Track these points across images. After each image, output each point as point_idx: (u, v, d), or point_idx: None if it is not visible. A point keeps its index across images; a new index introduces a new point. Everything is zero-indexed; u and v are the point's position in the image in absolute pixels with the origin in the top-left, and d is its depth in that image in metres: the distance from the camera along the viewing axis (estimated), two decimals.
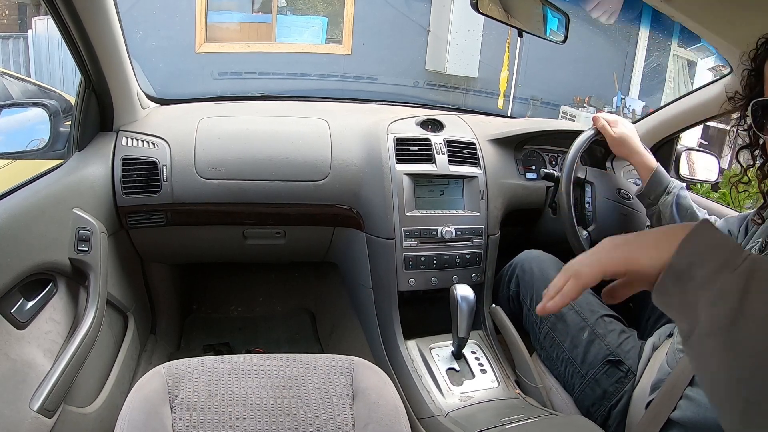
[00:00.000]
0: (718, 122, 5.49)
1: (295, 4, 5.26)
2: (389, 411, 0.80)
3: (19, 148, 1.10)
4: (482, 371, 1.10)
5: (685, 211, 1.05)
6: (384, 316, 1.19)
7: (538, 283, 1.09)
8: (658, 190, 1.08)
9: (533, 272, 1.12)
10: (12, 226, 0.78)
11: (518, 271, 1.15)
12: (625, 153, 1.14)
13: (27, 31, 4.74)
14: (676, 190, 1.07)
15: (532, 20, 1.12)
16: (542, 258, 1.14)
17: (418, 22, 5.16)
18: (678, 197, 1.05)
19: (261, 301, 1.70)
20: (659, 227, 0.55)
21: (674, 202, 1.05)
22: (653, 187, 1.08)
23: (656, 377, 0.87)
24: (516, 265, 1.17)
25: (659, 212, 1.08)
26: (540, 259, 1.14)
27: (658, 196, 1.08)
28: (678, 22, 0.94)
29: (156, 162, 1.13)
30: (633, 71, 5.48)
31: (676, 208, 1.05)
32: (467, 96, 5.35)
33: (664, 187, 1.07)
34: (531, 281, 1.11)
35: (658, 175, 1.08)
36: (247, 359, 0.86)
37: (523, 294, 1.13)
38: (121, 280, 1.16)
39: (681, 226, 0.49)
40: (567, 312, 1.03)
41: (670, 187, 1.07)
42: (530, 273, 1.12)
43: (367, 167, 1.21)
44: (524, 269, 1.14)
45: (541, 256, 1.15)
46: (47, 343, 0.84)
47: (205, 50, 4.73)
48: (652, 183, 1.08)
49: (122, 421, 0.73)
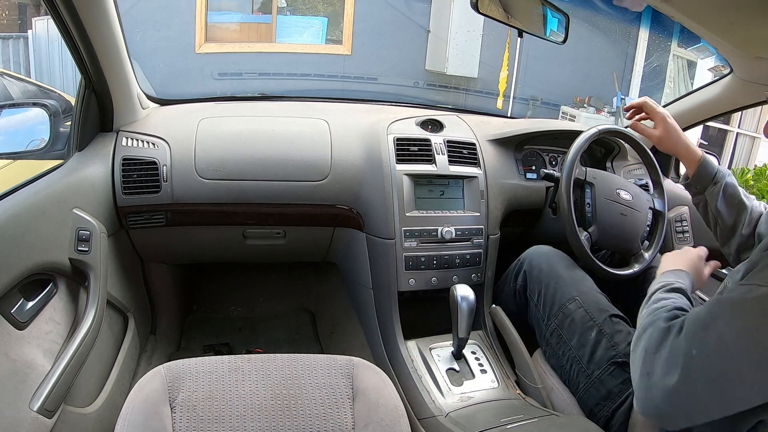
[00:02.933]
0: (718, 122, 5.50)
1: (295, 5, 5.26)
2: (389, 411, 0.80)
3: (19, 148, 1.10)
4: (482, 371, 1.10)
5: (733, 200, 1.02)
6: (384, 316, 1.19)
7: (547, 278, 1.09)
8: (705, 181, 1.04)
9: (542, 267, 1.11)
10: (12, 227, 0.78)
11: (526, 266, 1.14)
12: (670, 145, 1.08)
13: (27, 31, 4.74)
14: (722, 180, 1.03)
15: (532, 20, 1.12)
16: (551, 254, 1.14)
17: (418, 22, 5.16)
18: (726, 186, 1.02)
19: (261, 301, 1.70)
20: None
21: (721, 193, 1.02)
22: (700, 178, 1.04)
23: None
24: (524, 260, 1.16)
25: (705, 201, 1.05)
26: (549, 255, 1.13)
27: (704, 186, 1.04)
28: (678, 22, 0.94)
29: (156, 162, 1.13)
30: (633, 71, 5.48)
31: (722, 199, 1.02)
32: (467, 96, 5.35)
33: (711, 177, 1.04)
34: (539, 276, 1.10)
35: (705, 166, 1.04)
36: (247, 359, 0.86)
37: (531, 289, 1.12)
38: (121, 280, 1.16)
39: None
40: (576, 310, 1.02)
41: (717, 177, 1.03)
42: (539, 268, 1.11)
43: (367, 167, 1.21)
44: (533, 264, 1.13)
45: (550, 252, 1.14)
46: (47, 344, 0.84)
47: (205, 50, 4.72)
48: (699, 174, 1.04)
49: (122, 421, 0.73)
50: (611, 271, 1.14)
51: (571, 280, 1.07)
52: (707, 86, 1.32)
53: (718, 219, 1.03)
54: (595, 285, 1.08)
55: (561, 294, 1.06)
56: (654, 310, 0.76)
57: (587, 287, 1.06)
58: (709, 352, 0.60)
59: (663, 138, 1.08)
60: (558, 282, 1.07)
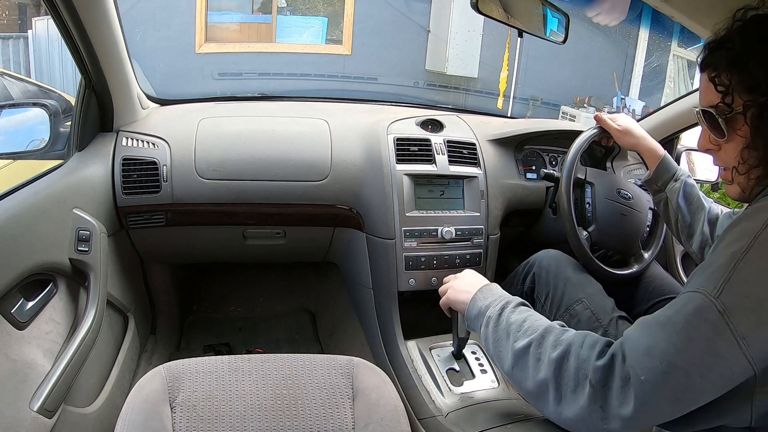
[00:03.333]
0: None
1: (295, 5, 5.26)
2: (389, 411, 0.80)
3: (19, 148, 1.10)
4: (482, 371, 1.10)
5: (692, 198, 1.03)
6: (384, 316, 1.19)
7: (555, 280, 1.10)
8: (666, 177, 1.06)
9: (550, 270, 1.12)
10: (12, 227, 0.78)
11: (536, 269, 1.15)
12: (632, 142, 1.12)
13: (27, 31, 4.74)
14: (683, 177, 1.05)
15: (532, 20, 1.12)
16: (560, 258, 1.15)
17: (418, 22, 5.17)
18: (685, 185, 1.04)
19: (261, 301, 1.70)
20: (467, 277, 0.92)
21: (682, 190, 1.03)
22: (661, 173, 1.07)
23: None
24: (534, 263, 1.17)
25: (666, 198, 1.06)
26: (558, 259, 1.14)
27: (665, 182, 1.06)
28: (678, 22, 0.94)
29: (156, 162, 1.13)
30: (633, 71, 5.49)
31: (683, 196, 1.03)
32: (467, 96, 5.35)
33: (672, 173, 1.06)
34: (548, 278, 1.11)
35: (666, 162, 1.07)
36: (247, 359, 0.86)
37: (538, 291, 1.12)
38: (121, 280, 1.16)
39: (480, 280, 0.90)
40: (582, 311, 1.03)
41: (678, 174, 1.06)
42: (547, 271, 1.12)
43: (367, 167, 1.21)
44: (542, 267, 1.13)
45: (559, 256, 1.15)
46: (47, 344, 0.84)
47: (205, 50, 4.73)
48: (660, 169, 1.07)
49: (122, 421, 0.73)
50: (611, 271, 1.14)
51: (579, 282, 1.08)
52: None
53: (678, 215, 1.04)
54: (602, 288, 1.09)
55: (569, 296, 1.06)
56: (533, 329, 0.70)
57: (595, 290, 1.07)
58: (659, 376, 0.58)
59: (624, 133, 1.12)
60: (566, 284, 1.08)
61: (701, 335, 0.57)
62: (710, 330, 0.57)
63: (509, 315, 0.75)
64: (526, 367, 0.68)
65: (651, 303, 1.13)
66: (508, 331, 0.73)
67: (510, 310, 0.76)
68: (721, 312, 0.56)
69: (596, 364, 0.62)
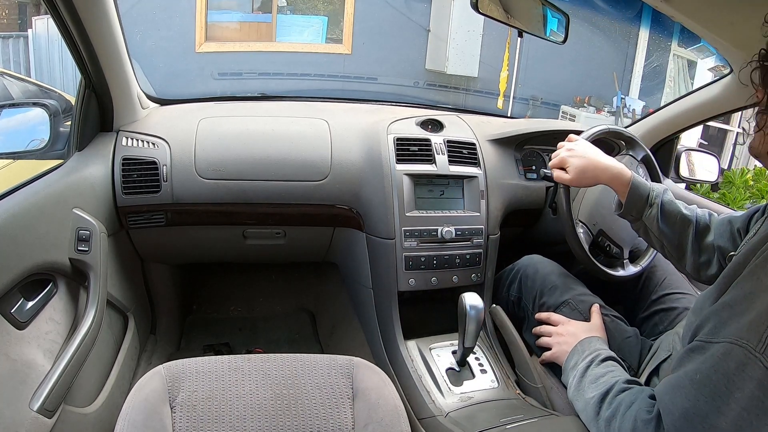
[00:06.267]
0: (718, 122, 5.49)
1: (295, 4, 5.25)
2: (389, 411, 0.80)
3: (19, 148, 1.10)
4: (482, 371, 1.10)
5: (674, 218, 0.95)
6: (384, 316, 1.19)
7: (541, 287, 1.10)
8: (639, 205, 0.95)
9: (536, 278, 1.12)
10: (12, 226, 0.78)
11: (521, 275, 1.15)
12: (591, 181, 1.00)
13: (27, 31, 4.73)
14: (659, 198, 0.95)
15: (532, 20, 1.12)
16: (544, 263, 1.14)
17: (418, 22, 5.16)
18: (662, 206, 0.94)
19: (261, 301, 1.70)
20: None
21: (659, 214, 0.94)
22: (633, 201, 0.95)
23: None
24: (518, 269, 1.17)
25: (645, 227, 0.97)
26: (543, 264, 1.14)
27: (640, 211, 0.95)
28: (678, 22, 0.94)
29: (156, 162, 1.13)
30: (633, 71, 5.48)
31: (662, 220, 0.94)
32: (467, 96, 5.35)
33: (644, 199, 0.95)
34: (533, 286, 1.11)
35: (636, 188, 0.95)
36: (247, 359, 0.86)
37: (525, 299, 1.12)
38: (121, 280, 1.16)
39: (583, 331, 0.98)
40: (570, 313, 1.04)
41: (651, 198, 0.95)
42: (533, 278, 1.12)
43: (367, 167, 1.21)
44: (527, 274, 1.13)
45: (544, 261, 1.15)
46: (47, 343, 0.84)
47: (205, 50, 4.72)
48: (631, 197, 0.95)
49: (122, 421, 0.73)
50: (610, 272, 1.14)
51: (564, 285, 1.08)
52: (707, 86, 1.32)
53: (663, 240, 0.96)
54: (587, 290, 1.09)
55: (555, 299, 1.07)
56: (603, 384, 0.79)
57: (580, 291, 1.08)
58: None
59: (576, 178, 1.00)
60: (552, 288, 1.09)
61: (746, 395, 0.53)
62: (757, 389, 0.52)
63: (594, 368, 0.85)
64: (588, 418, 0.78)
65: (659, 295, 1.12)
66: (585, 383, 0.83)
67: (596, 363, 0.86)
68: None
69: (644, 418, 0.64)
